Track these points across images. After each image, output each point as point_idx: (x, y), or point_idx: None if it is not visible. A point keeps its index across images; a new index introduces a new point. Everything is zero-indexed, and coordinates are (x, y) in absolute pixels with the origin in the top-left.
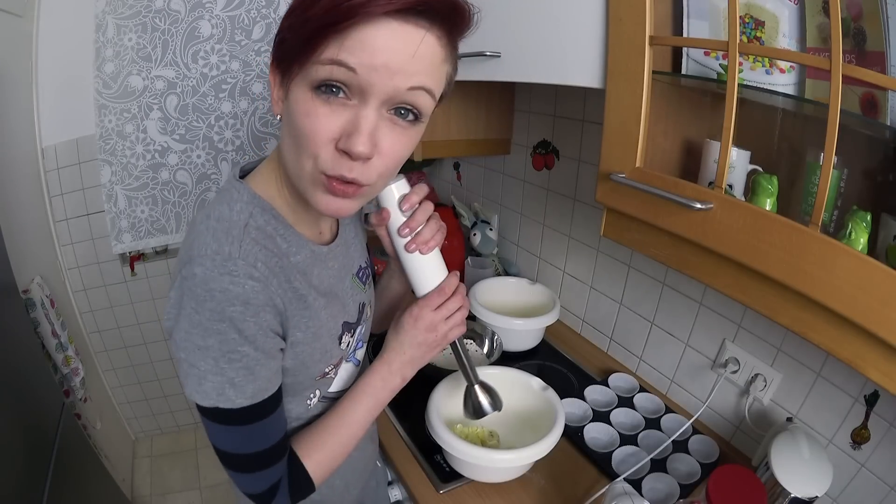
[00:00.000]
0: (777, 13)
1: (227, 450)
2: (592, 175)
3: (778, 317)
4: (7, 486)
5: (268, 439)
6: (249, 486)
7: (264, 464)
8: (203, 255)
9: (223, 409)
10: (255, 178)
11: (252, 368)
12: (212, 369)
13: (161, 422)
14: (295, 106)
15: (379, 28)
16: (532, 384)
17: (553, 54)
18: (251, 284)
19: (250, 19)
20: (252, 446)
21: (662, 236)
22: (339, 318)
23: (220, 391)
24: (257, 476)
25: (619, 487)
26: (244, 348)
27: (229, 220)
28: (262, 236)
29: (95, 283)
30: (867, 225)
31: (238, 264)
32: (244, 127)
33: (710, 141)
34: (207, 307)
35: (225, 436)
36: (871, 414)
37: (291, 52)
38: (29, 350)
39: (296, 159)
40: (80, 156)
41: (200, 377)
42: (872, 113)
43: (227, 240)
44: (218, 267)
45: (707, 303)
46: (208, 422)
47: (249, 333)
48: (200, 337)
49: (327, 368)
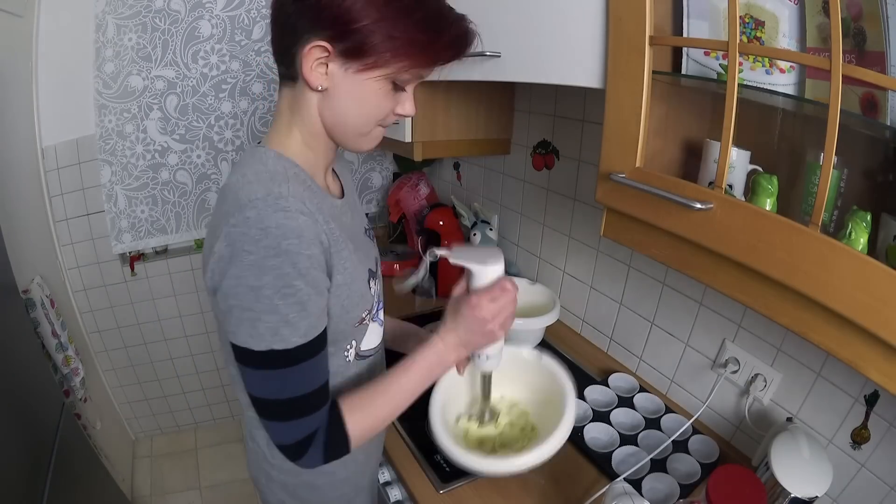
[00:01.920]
0: (777, 13)
1: (267, 396)
2: (592, 175)
3: (778, 317)
4: (7, 485)
5: (310, 383)
6: (285, 436)
7: (303, 411)
8: (254, 199)
9: (278, 350)
10: (272, 142)
11: (305, 304)
12: (266, 308)
13: (161, 422)
14: (372, 94)
15: None
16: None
17: (553, 54)
18: (303, 219)
19: (250, 19)
20: (293, 390)
21: (662, 236)
22: (364, 265)
23: (274, 331)
24: (293, 424)
25: (620, 487)
26: (298, 282)
27: (270, 171)
28: (300, 183)
29: (95, 283)
30: (867, 225)
31: (290, 201)
32: (244, 127)
33: (710, 141)
34: (262, 245)
35: (268, 382)
36: (871, 414)
37: (381, 56)
38: (29, 350)
39: (355, 123)
40: (80, 156)
41: (254, 319)
42: (872, 113)
43: (274, 183)
44: (271, 205)
45: (707, 303)
46: (251, 370)
47: (303, 267)
48: (255, 277)
49: (363, 314)
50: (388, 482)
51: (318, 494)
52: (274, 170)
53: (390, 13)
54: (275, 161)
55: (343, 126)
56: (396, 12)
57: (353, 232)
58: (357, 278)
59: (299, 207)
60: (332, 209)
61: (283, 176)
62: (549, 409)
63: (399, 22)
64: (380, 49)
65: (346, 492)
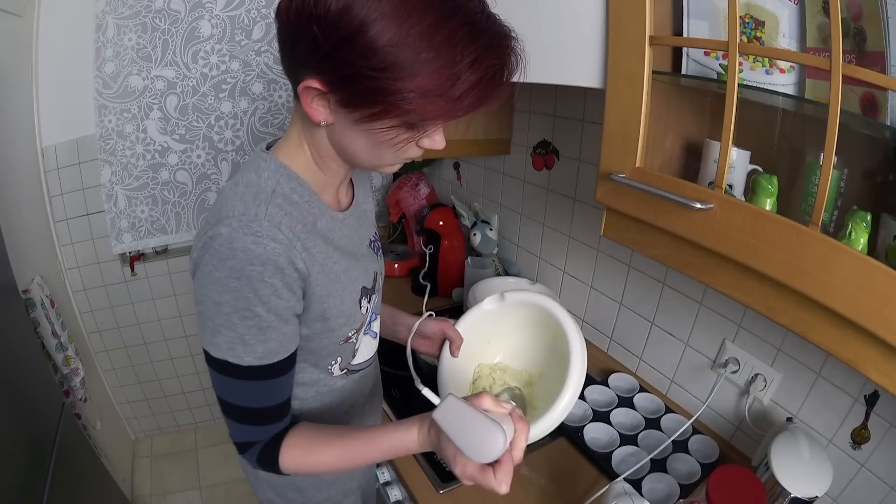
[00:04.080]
0: (777, 13)
1: (221, 395)
2: (592, 175)
3: (778, 317)
4: (7, 485)
5: (265, 400)
6: (233, 433)
7: (254, 421)
8: (230, 216)
9: (231, 363)
10: (280, 150)
11: (264, 329)
12: (224, 324)
13: (161, 422)
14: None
15: None
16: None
17: (553, 54)
18: (273, 246)
19: (250, 19)
20: (249, 401)
21: (662, 236)
22: (358, 283)
23: (230, 346)
24: (243, 428)
25: (620, 487)
26: (258, 308)
27: (257, 186)
28: (287, 203)
29: (95, 283)
30: (867, 225)
31: (263, 225)
32: (244, 127)
33: (710, 141)
34: (227, 265)
35: (227, 386)
36: (871, 414)
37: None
38: (29, 350)
39: (377, 158)
40: (80, 156)
41: (214, 330)
42: (872, 113)
43: (254, 202)
44: (243, 227)
45: (707, 303)
46: (210, 369)
47: (264, 294)
48: (217, 293)
49: (350, 332)
50: (387, 482)
51: (303, 496)
52: (262, 185)
53: (401, 56)
54: (270, 173)
55: (354, 159)
56: (407, 53)
57: (352, 246)
58: (346, 299)
59: (271, 234)
60: (330, 224)
61: (267, 194)
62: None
63: (411, 67)
64: (386, 102)
65: (333, 494)
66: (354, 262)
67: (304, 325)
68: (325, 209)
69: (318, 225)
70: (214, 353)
